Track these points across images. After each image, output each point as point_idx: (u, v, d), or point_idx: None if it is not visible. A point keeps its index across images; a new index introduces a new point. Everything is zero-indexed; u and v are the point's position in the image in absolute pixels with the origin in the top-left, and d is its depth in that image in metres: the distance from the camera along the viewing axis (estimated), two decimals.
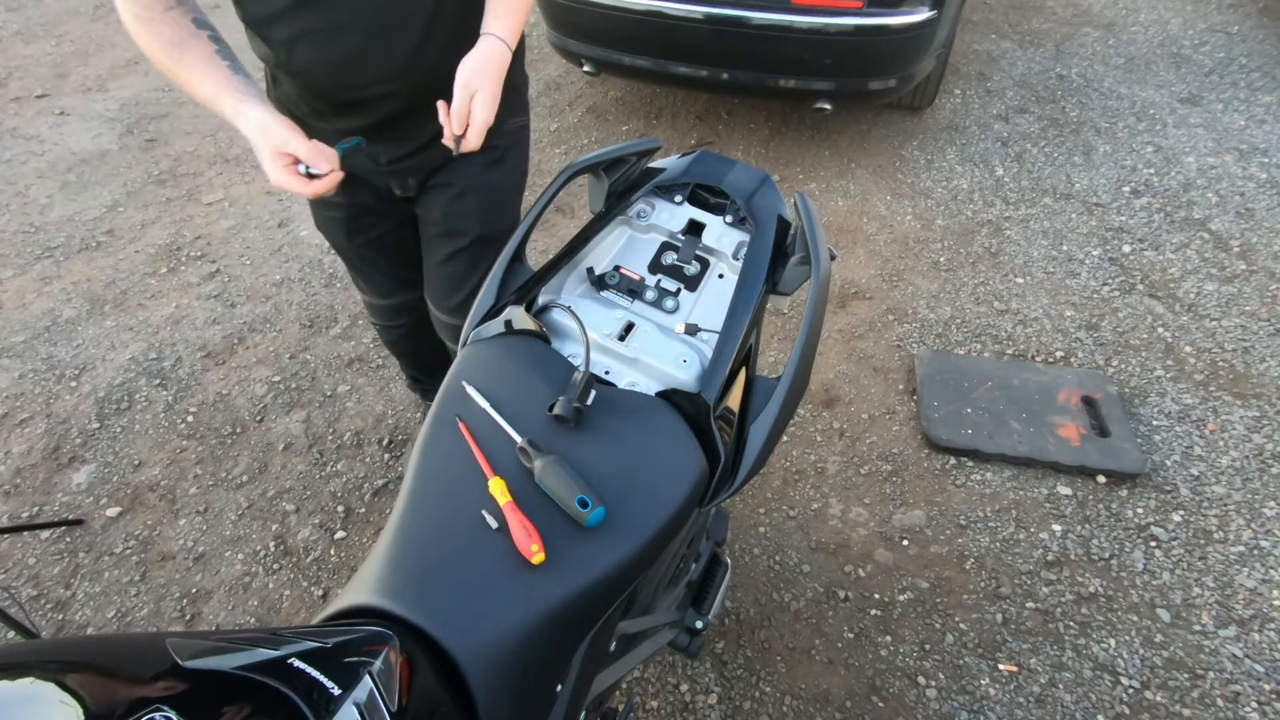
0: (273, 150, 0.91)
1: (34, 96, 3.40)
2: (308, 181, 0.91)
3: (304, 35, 1.00)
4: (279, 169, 0.91)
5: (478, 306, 0.97)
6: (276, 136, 0.91)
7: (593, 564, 0.69)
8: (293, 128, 0.92)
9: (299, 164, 0.92)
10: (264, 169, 0.93)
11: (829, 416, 1.98)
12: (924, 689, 1.48)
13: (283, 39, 1.01)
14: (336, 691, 0.48)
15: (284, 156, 0.91)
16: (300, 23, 0.99)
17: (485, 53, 0.98)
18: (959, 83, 3.26)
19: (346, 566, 1.71)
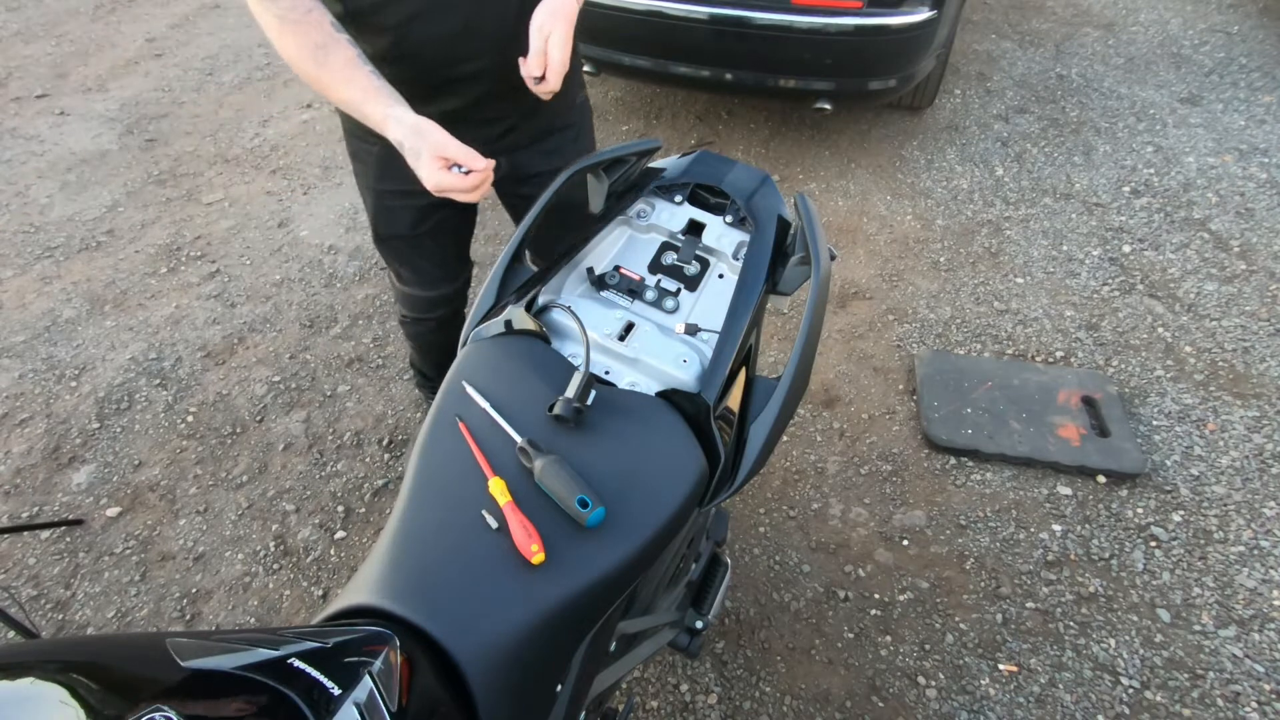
0: (431, 153, 0.91)
1: (34, 96, 3.40)
2: (464, 178, 0.92)
3: (416, 16, 1.02)
4: (437, 171, 0.91)
5: (478, 306, 0.97)
6: (434, 139, 0.91)
7: (593, 564, 0.69)
8: (443, 130, 0.93)
9: (453, 166, 0.92)
10: (420, 173, 0.93)
11: (829, 416, 1.98)
12: (924, 689, 1.48)
13: (395, 23, 1.03)
14: (336, 691, 0.48)
15: (441, 159, 0.91)
16: (412, 4, 1.01)
17: (557, 1, 1.00)
18: (959, 83, 3.26)
19: (346, 566, 1.72)
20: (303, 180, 2.88)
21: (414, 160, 0.93)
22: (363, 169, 1.30)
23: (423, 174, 0.92)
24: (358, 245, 2.57)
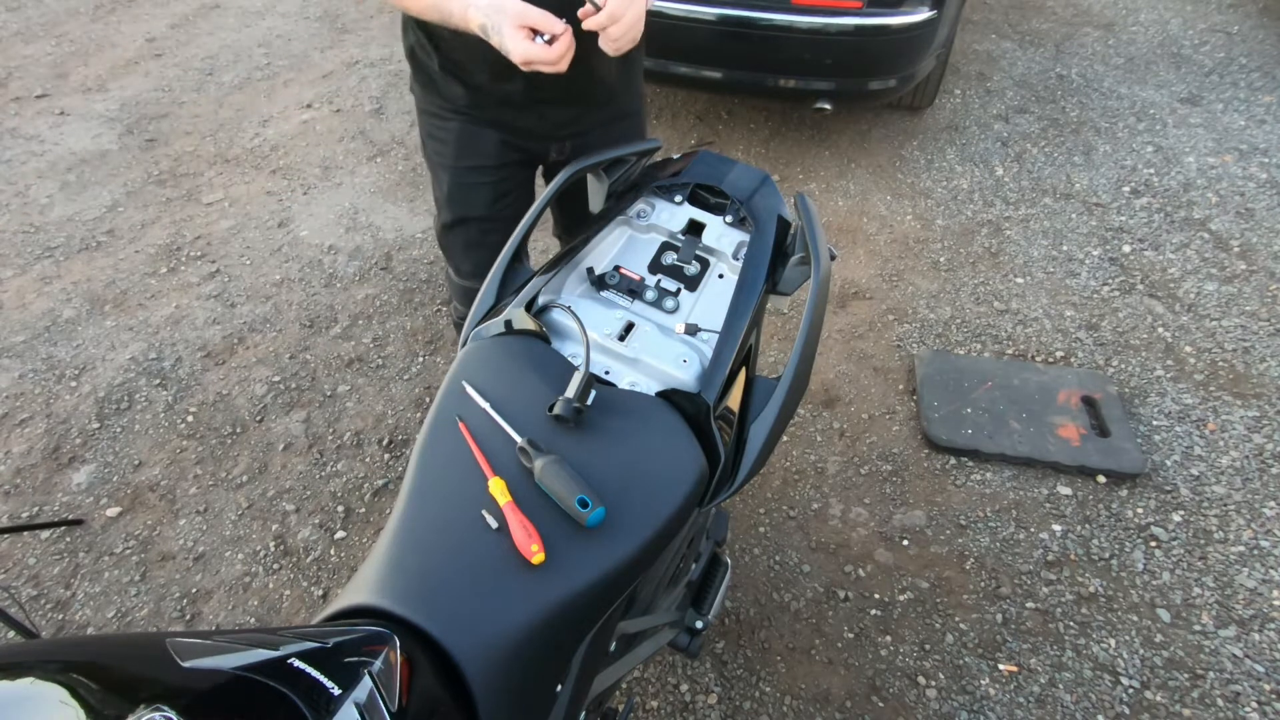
0: (513, 23, 0.92)
1: (34, 96, 3.40)
2: (549, 49, 0.93)
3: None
4: (522, 41, 0.92)
5: (478, 306, 0.97)
6: (514, 9, 0.92)
7: (593, 564, 0.69)
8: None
9: (537, 36, 0.94)
10: (505, 46, 0.94)
11: (829, 416, 1.98)
12: (924, 689, 1.48)
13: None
14: (336, 691, 0.48)
15: (525, 30, 0.92)
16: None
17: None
18: (959, 83, 3.26)
19: (346, 566, 1.71)
20: (303, 180, 2.88)
21: (498, 38, 0.95)
22: (440, 147, 1.31)
23: (508, 46, 0.93)
24: (358, 245, 2.57)
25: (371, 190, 2.82)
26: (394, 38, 3.76)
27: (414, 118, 3.15)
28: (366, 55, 3.63)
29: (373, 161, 2.95)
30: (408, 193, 2.80)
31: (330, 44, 3.75)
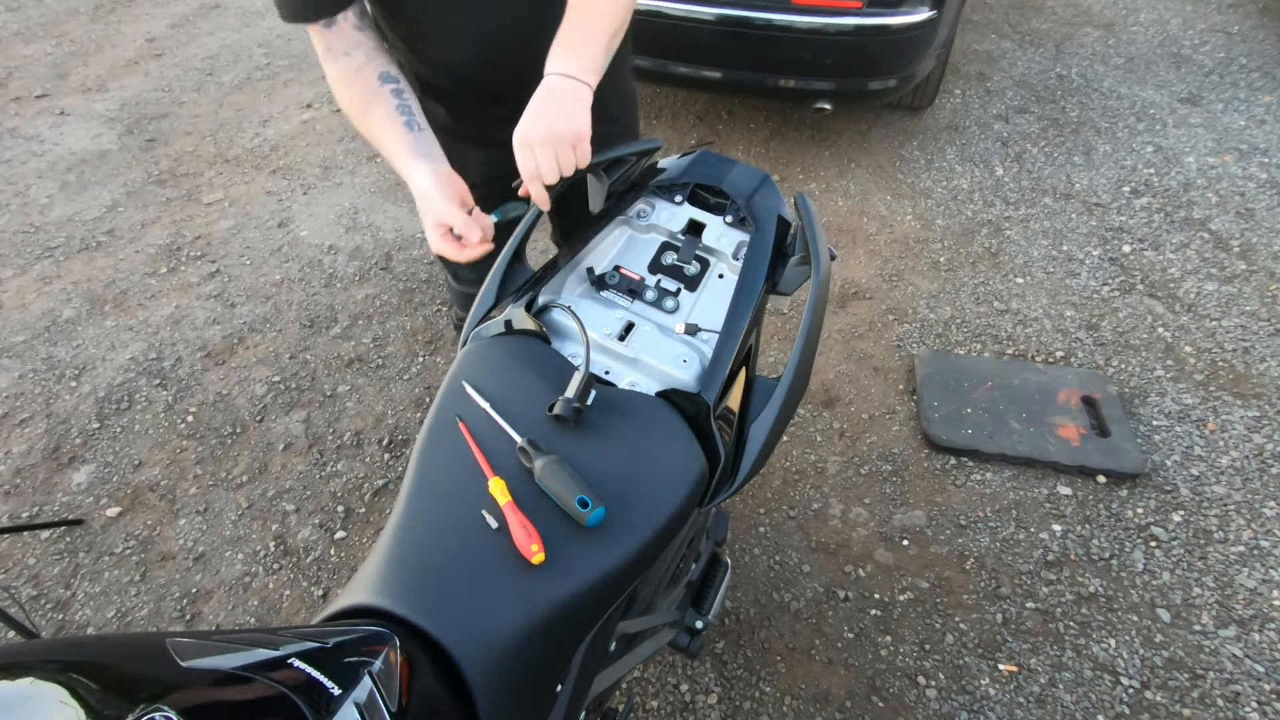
0: (433, 220, 0.94)
1: (34, 96, 3.40)
2: (460, 248, 0.94)
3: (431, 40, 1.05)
4: (437, 236, 0.95)
5: (478, 306, 0.97)
6: (436, 208, 0.94)
7: (593, 564, 0.69)
8: (452, 197, 0.95)
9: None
10: (427, 234, 0.97)
11: (829, 416, 1.98)
12: (924, 689, 1.48)
13: (425, 54, 1.08)
14: (336, 691, 0.48)
15: (443, 226, 0.94)
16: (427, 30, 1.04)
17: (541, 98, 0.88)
18: (959, 83, 3.26)
19: (346, 566, 1.72)
20: (303, 180, 2.88)
21: (422, 219, 0.97)
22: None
23: (427, 236, 0.97)
24: (358, 245, 2.57)
25: (371, 190, 2.82)
26: None
27: None
28: None
29: (373, 161, 2.95)
30: (408, 193, 2.79)
31: None
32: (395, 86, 0.99)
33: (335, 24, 0.95)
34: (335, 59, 0.96)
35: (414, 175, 0.96)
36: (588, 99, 0.88)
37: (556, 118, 0.85)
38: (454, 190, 0.96)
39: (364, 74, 0.97)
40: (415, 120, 0.99)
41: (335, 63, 0.97)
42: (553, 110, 0.86)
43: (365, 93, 0.97)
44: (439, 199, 0.94)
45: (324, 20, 0.94)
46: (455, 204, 0.95)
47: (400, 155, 0.97)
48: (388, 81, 0.98)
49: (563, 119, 0.85)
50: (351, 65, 0.97)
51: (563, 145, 0.85)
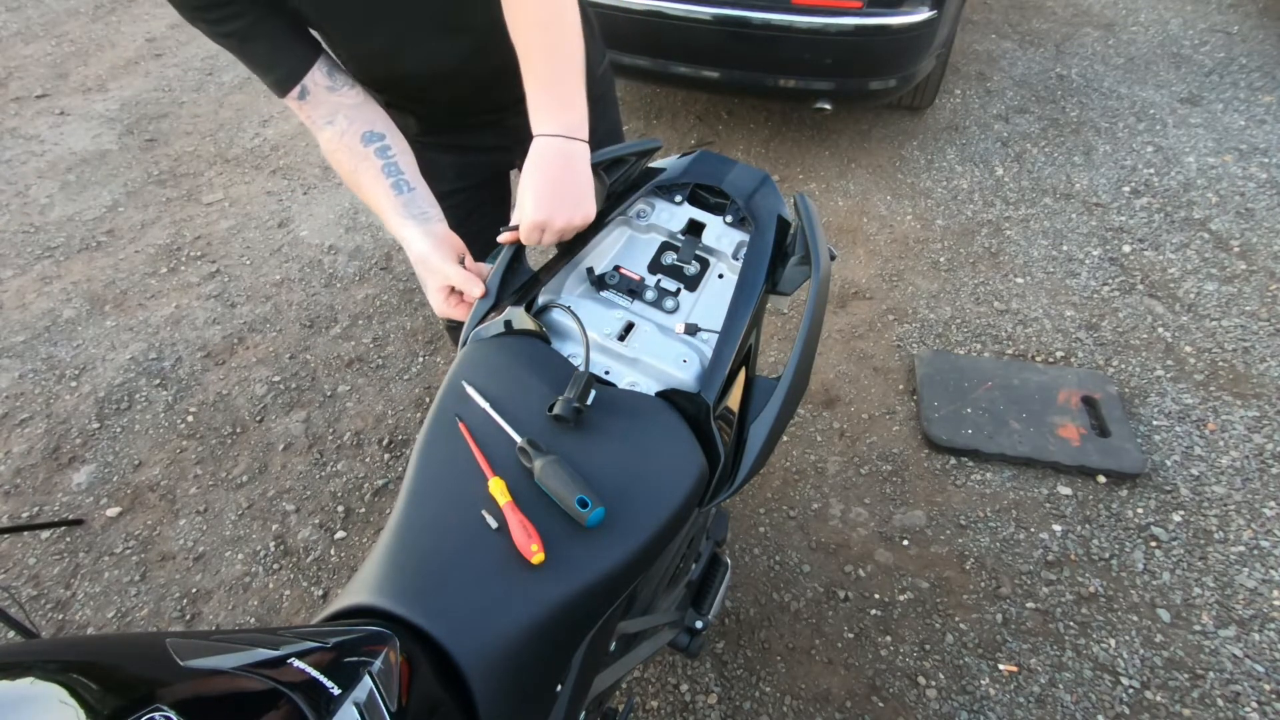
0: (436, 284, 0.92)
1: (34, 96, 3.40)
2: (467, 305, 0.93)
3: (376, 57, 1.01)
4: (440, 300, 0.93)
5: (477, 306, 0.97)
6: (436, 269, 0.91)
7: (593, 564, 0.69)
8: (450, 256, 0.92)
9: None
10: (429, 298, 0.95)
11: (829, 416, 1.98)
12: (924, 689, 1.48)
13: (375, 72, 1.04)
14: (336, 691, 0.48)
15: (444, 288, 0.92)
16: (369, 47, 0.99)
17: (544, 173, 0.84)
18: (959, 83, 3.26)
19: (346, 566, 1.72)
20: (303, 180, 2.88)
21: (423, 285, 0.95)
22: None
23: (431, 301, 0.95)
24: (358, 245, 2.57)
25: None
26: None
27: None
28: None
29: None
30: None
31: None
32: (380, 145, 0.95)
33: (309, 94, 0.91)
34: (321, 129, 0.94)
35: (408, 239, 0.93)
36: (587, 155, 0.87)
37: (565, 202, 0.83)
38: (450, 250, 0.93)
39: (347, 138, 0.94)
40: (404, 180, 0.95)
41: (322, 134, 0.94)
42: (561, 193, 0.83)
43: (352, 158, 0.95)
44: (437, 260, 0.91)
45: (295, 92, 0.91)
46: (454, 262, 0.91)
47: (392, 219, 0.94)
48: (371, 141, 0.95)
49: (570, 203, 0.84)
50: (335, 132, 0.94)
51: (570, 228, 0.85)
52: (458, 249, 0.94)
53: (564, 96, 0.85)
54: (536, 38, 0.83)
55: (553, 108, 0.85)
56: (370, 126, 0.95)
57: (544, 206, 0.83)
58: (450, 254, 0.92)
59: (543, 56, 0.84)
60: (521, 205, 0.84)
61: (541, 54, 0.84)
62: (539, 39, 0.83)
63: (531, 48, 0.84)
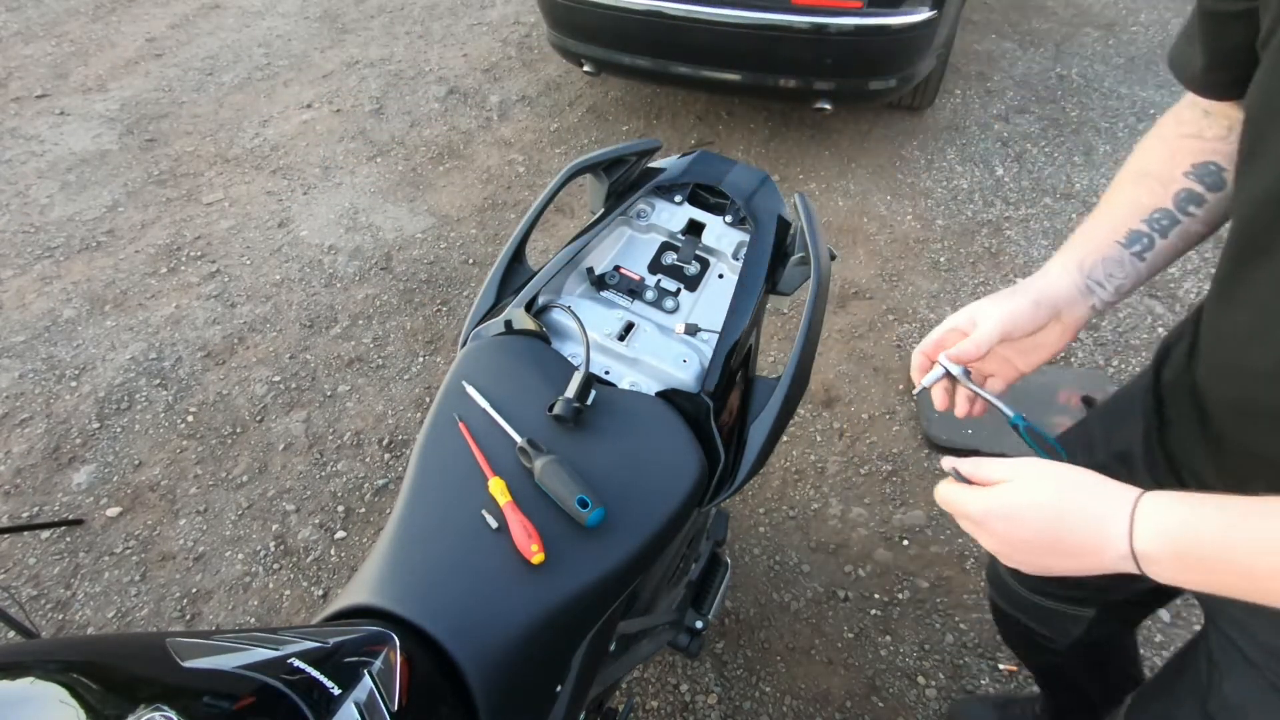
0: (948, 324, 0.72)
1: (34, 96, 3.40)
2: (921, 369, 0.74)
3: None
4: (923, 344, 0.74)
5: (477, 306, 0.97)
6: (979, 316, 0.69)
7: (592, 564, 0.69)
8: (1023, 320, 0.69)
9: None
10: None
11: (829, 416, 1.98)
12: (924, 689, 1.48)
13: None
14: (336, 691, 0.48)
15: (950, 332, 0.72)
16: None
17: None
18: (959, 83, 3.26)
19: (346, 566, 1.72)
20: (303, 180, 2.88)
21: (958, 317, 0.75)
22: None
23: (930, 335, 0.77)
24: (358, 245, 2.57)
25: (371, 190, 2.82)
26: (393, 38, 3.76)
27: (414, 118, 3.16)
28: (366, 55, 3.63)
29: (373, 161, 2.95)
30: (408, 193, 2.80)
31: (330, 44, 3.75)
32: (1183, 189, 0.67)
33: (1212, 111, 0.70)
34: (1180, 123, 0.73)
35: (1048, 267, 0.70)
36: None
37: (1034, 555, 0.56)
38: (1033, 315, 0.65)
39: (1179, 154, 0.69)
40: (1144, 236, 0.67)
41: (1178, 124, 0.72)
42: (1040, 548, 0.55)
43: (1154, 162, 0.71)
44: (1000, 314, 0.65)
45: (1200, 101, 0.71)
46: (1003, 326, 0.65)
47: (1076, 238, 0.71)
48: (1197, 177, 0.67)
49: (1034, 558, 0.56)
50: (1183, 133, 0.70)
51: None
52: (1026, 322, 0.66)
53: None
54: None
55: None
56: (1193, 186, 0.67)
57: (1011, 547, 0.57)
58: (1025, 318, 0.66)
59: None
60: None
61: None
62: None
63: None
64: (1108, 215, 0.70)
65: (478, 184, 2.83)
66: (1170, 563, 0.48)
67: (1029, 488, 0.54)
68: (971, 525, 0.59)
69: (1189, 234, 0.67)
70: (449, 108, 3.24)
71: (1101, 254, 0.68)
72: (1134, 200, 0.69)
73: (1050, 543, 0.53)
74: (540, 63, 3.53)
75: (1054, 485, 0.53)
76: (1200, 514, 0.47)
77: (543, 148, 3.00)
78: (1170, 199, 0.66)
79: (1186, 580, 0.49)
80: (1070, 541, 0.52)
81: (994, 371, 0.68)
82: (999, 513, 0.56)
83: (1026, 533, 0.54)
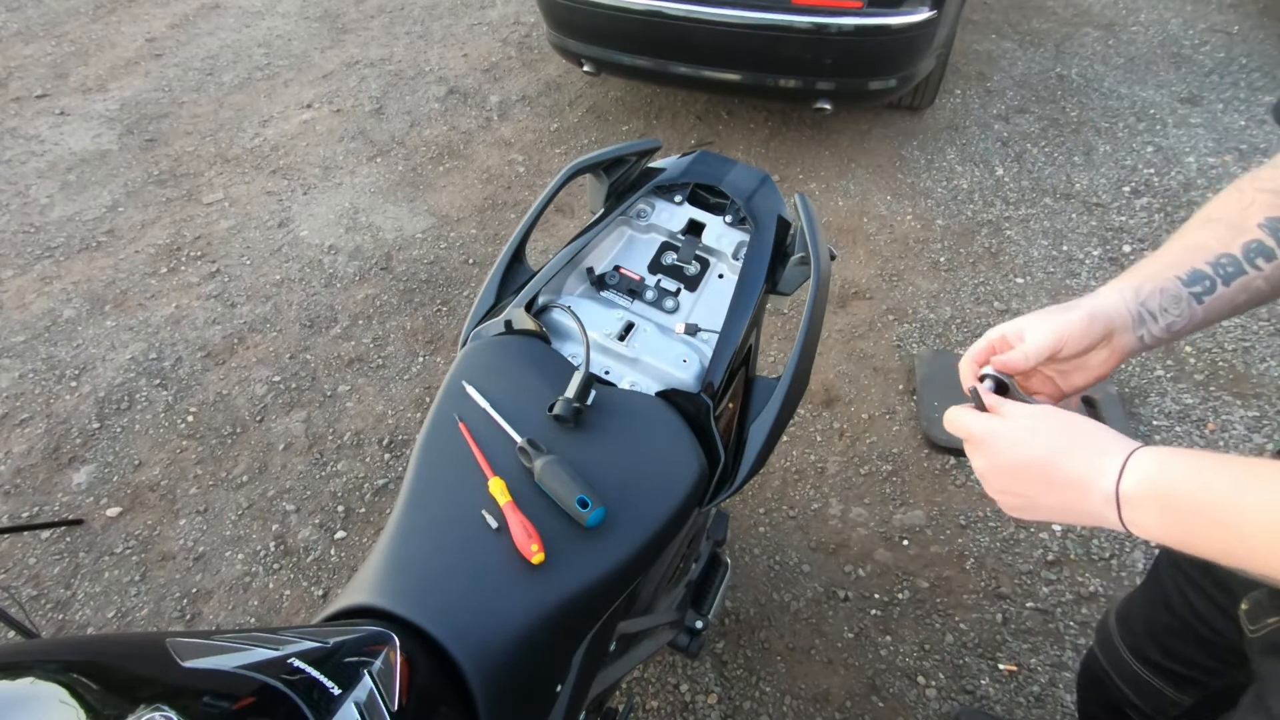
0: (994, 334, 0.66)
1: (34, 96, 3.40)
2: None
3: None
4: (972, 351, 0.67)
5: (477, 306, 0.97)
6: (1028, 328, 0.63)
7: (592, 564, 0.69)
8: (1074, 335, 0.63)
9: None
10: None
11: (829, 416, 1.98)
12: (924, 689, 1.48)
13: None
14: (336, 691, 0.48)
15: (996, 341, 0.66)
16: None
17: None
18: (959, 83, 3.26)
19: (346, 566, 1.72)
20: (303, 180, 2.88)
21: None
22: None
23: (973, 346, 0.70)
24: (358, 245, 2.57)
25: (371, 190, 2.82)
26: (393, 38, 3.76)
27: (414, 118, 3.16)
28: (366, 55, 3.63)
29: (373, 161, 2.96)
30: (408, 193, 2.80)
31: (330, 44, 3.75)
32: (1255, 240, 0.64)
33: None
34: (1258, 179, 0.67)
35: (1102, 289, 0.66)
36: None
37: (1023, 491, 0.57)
38: (1086, 329, 0.61)
39: (1255, 206, 0.65)
40: (1205, 276, 0.64)
41: (1255, 180, 0.67)
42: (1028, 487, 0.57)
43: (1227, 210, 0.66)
44: (1053, 325, 0.61)
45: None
46: (1054, 344, 0.61)
47: (1146, 260, 0.68)
48: (1261, 230, 0.64)
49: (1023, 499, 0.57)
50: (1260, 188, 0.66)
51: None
52: (1079, 337, 0.62)
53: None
54: None
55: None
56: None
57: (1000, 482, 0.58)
58: (1078, 335, 0.62)
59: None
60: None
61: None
62: None
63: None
64: (1171, 252, 0.67)
65: (478, 184, 2.83)
66: (1152, 509, 0.49)
67: (1042, 420, 0.55)
68: (973, 446, 0.59)
69: (1251, 289, 0.64)
70: (449, 108, 3.24)
71: (1160, 285, 0.65)
72: (1200, 242, 0.66)
73: (1044, 470, 0.54)
74: (540, 63, 3.53)
75: (1066, 421, 0.54)
76: (1195, 465, 0.48)
77: (543, 148, 3.00)
78: (1239, 246, 0.64)
79: (1165, 532, 0.49)
80: (1064, 472, 0.53)
81: (1037, 389, 0.66)
82: (1005, 434, 0.56)
83: (1024, 457, 0.55)
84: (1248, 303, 0.65)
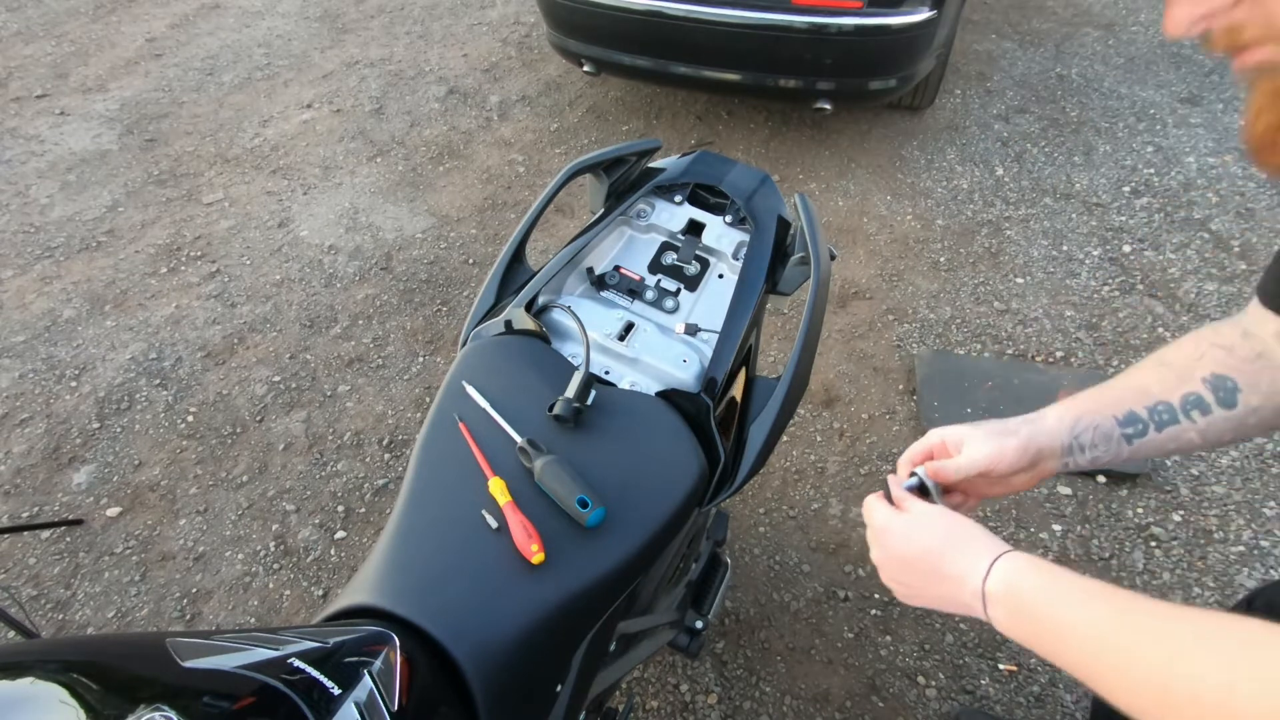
0: (923, 444, 0.71)
1: (34, 96, 3.40)
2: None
3: None
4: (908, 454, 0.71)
5: (477, 306, 0.97)
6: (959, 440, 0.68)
7: (592, 564, 0.69)
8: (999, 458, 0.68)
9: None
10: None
11: (829, 416, 1.98)
12: (924, 689, 1.48)
13: None
14: (336, 691, 0.48)
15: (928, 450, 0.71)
16: None
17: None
18: (959, 83, 3.26)
19: (346, 566, 1.72)
20: (303, 180, 2.88)
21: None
22: None
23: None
24: (358, 245, 2.57)
25: (371, 190, 2.82)
26: (393, 38, 3.76)
27: (414, 118, 3.16)
28: (366, 55, 3.63)
29: (373, 161, 2.95)
30: (408, 193, 2.80)
31: (330, 44, 3.75)
32: (1194, 392, 0.66)
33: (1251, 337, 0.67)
34: (1216, 333, 0.69)
35: (1046, 412, 0.72)
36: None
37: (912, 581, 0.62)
38: (1017, 454, 0.66)
39: (1204, 360, 0.67)
40: (1140, 420, 0.68)
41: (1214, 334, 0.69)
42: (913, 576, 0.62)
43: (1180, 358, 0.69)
44: (988, 452, 0.65)
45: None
46: (985, 467, 0.65)
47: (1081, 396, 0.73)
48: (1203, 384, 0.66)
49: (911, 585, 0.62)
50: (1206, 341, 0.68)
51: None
52: (1009, 465, 0.66)
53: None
54: None
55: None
56: (1226, 379, 0.66)
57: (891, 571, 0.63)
58: (1007, 461, 0.66)
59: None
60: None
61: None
62: None
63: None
64: (1114, 389, 0.72)
65: (478, 184, 2.83)
66: (1005, 608, 0.54)
67: (932, 518, 0.61)
68: (871, 534, 0.65)
69: (1182, 439, 0.68)
70: (449, 108, 3.24)
71: (1095, 422, 0.70)
72: (1144, 384, 0.70)
73: (927, 563, 0.59)
74: (540, 63, 3.53)
75: (952, 521, 0.60)
76: (1046, 579, 0.52)
77: (543, 148, 3.00)
78: (1179, 397, 0.68)
79: (1014, 631, 0.54)
80: (945, 567, 0.58)
81: (958, 489, 0.71)
82: (897, 529, 0.62)
83: (913, 550, 0.60)
84: (1176, 450, 0.70)
